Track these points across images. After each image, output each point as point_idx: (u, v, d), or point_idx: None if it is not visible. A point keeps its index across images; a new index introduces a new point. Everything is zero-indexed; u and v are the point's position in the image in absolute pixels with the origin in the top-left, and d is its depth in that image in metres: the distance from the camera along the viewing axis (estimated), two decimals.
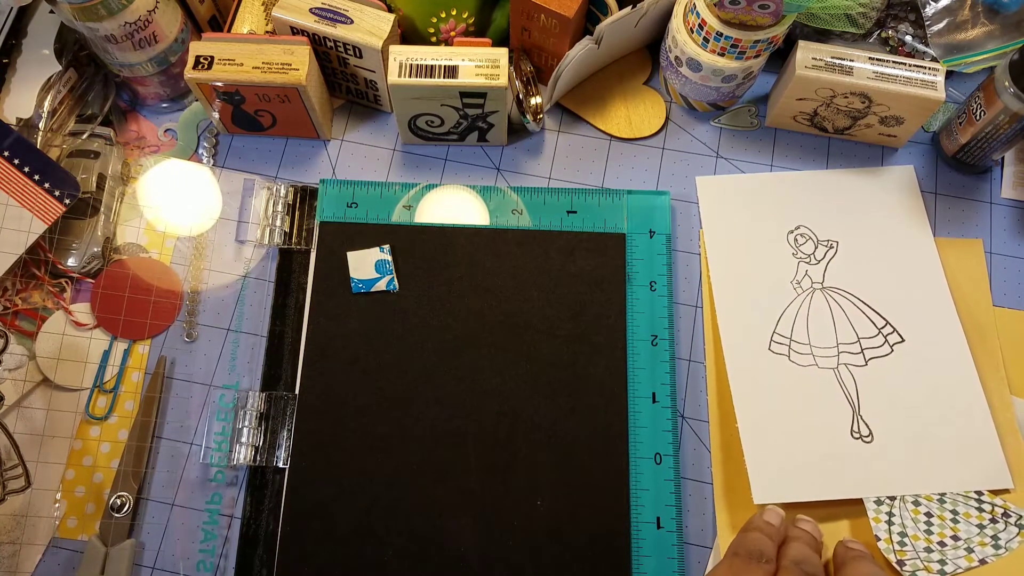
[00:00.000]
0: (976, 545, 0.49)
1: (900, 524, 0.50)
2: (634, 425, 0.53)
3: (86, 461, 0.54)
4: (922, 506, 0.51)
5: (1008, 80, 0.53)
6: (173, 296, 0.57)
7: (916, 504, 0.51)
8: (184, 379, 0.56)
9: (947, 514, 0.50)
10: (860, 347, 0.55)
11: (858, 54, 0.55)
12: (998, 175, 0.61)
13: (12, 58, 0.62)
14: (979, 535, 0.49)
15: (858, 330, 0.56)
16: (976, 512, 0.50)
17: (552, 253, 0.57)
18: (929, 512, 0.50)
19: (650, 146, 0.62)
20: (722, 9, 0.52)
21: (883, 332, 0.55)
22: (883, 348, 0.55)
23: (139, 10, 0.54)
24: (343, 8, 0.55)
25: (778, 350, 0.55)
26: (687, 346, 0.56)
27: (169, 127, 0.62)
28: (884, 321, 0.56)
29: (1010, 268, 0.58)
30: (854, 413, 0.53)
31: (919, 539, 0.49)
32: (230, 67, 0.54)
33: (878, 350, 0.55)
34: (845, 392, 0.54)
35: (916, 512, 0.50)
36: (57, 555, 0.52)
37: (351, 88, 0.61)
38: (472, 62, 0.54)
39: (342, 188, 0.59)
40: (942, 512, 0.50)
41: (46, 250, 0.57)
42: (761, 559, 0.44)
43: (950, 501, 0.51)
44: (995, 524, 0.50)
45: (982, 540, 0.49)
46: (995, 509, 0.50)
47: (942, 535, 0.49)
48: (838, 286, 0.57)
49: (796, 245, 0.58)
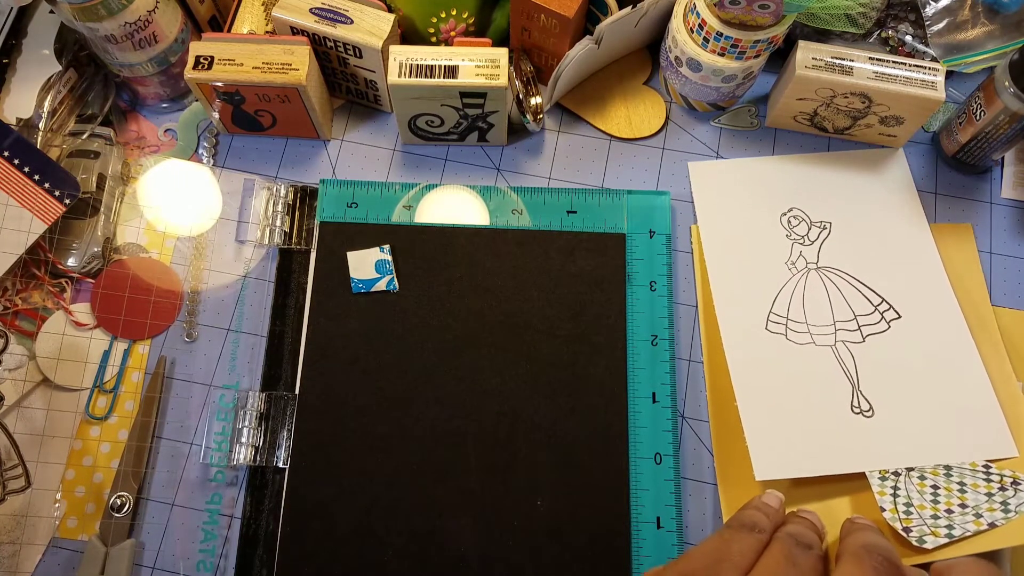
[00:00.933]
0: (985, 511, 0.48)
1: (906, 496, 0.49)
2: (634, 425, 0.53)
3: (86, 461, 0.54)
4: (928, 479, 0.50)
5: (1008, 80, 0.53)
6: (173, 296, 0.57)
7: (922, 478, 0.50)
8: (184, 379, 0.56)
9: (954, 486, 0.50)
10: (857, 324, 0.56)
11: (858, 54, 0.55)
12: (998, 175, 0.61)
13: (12, 58, 0.62)
14: (988, 502, 0.49)
15: (854, 308, 0.56)
16: (984, 483, 0.50)
17: (552, 253, 0.57)
18: (936, 485, 0.50)
19: (650, 146, 0.62)
20: (722, 9, 0.52)
21: (879, 309, 0.56)
22: (880, 325, 0.56)
23: (139, 10, 0.54)
24: (343, 8, 0.55)
25: (775, 329, 0.56)
26: (687, 346, 0.56)
27: (169, 127, 0.62)
28: (880, 299, 0.56)
29: (1010, 268, 0.58)
30: (854, 388, 0.54)
31: (925, 508, 0.49)
32: (230, 67, 0.54)
33: (875, 327, 0.55)
34: (844, 368, 0.54)
35: (922, 485, 0.50)
36: (57, 555, 0.52)
37: (351, 88, 0.61)
38: (472, 62, 0.54)
39: (342, 188, 0.59)
40: (949, 484, 0.50)
41: (46, 250, 0.57)
42: (754, 529, 0.42)
43: (957, 474, 0.50)
44: (1004, 492, 0.49)
45: (991, 506, 0.48)
46: (1004, 479, 0.50)
47: (949, 503, 0.49)
48: (833, 266, 0.57)
49: (789, 227, 0.58)
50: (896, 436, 0.52)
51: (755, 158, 0.61)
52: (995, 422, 0.52)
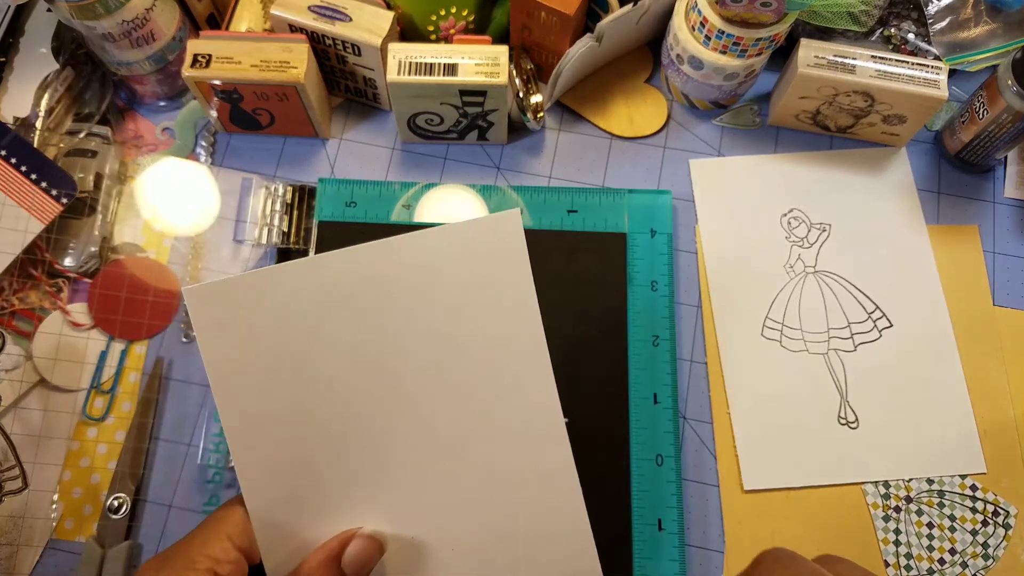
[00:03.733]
0: (969, 558, 0.51)
1: (906, 544, 0.51)
2: (635, 426, 0.53)
3: (83, 462, 0.54)
4: (924, 515, 0.52)
5: (1011, 79, 0.52)
6: (171, 296, 0.57)
7: (919, 514, 0.52)
8: (181, 380, 0.55)
9: (946, 521, 0.52)
10: (850, 332, 0.56)
11: (860, 52, 0.55)
12: (1001, 174, 0.61)
13: (9, 56, 0.61)
14: (972, 544, 0.51)
15: (848, 315, 0.56)
16: (971, 514, 0.52)
17: (552, 253, 0.57)
18: (931, 523, 0.52)
19: (651, 145, 0.61)
20: (724, 7, 0.52)
21: (872, 317, 0.56)
22: (872, 333, 0.56)
23: (137, 8, 0.53)
24: (342, 6, 0.55)
25: (770, 336, 0.56)
26: (688, 347, 0.56)
27: (167, 126, 0.62)
28: (874, 306, 0.56)
29: (1012, 268, 0.58)
30: (842, 399, 0.54)
31: (923, 559, 0.51)
32: (228, 65, 0.54)
33: (867, 335, 0.56)
34: (834, 378, 0.55)
35: (919, 525, 0.51)
36: (54, 557, 0.52)
37: (350, 86, 0.61)
38: (472, 60, 0.53)
39: (341, 187, 0.59)
40: (941, 520, 0.52)
41: (43, 250, 0.56)
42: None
43: (948, 503, 0.52)
44: (985, 528, 0.51)
45: (974, 551, 0.51)
46: (986, 507, 0.52)
47: (942, 550, 0.51)
48: (830, 270, 0.57)
49: (789, 228, 0.58)
50: (879, 449, 0.53)
51: (757, 156, 0.61)
52: (970, 438, 0.53)
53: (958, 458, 0.53)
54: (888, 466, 0.53)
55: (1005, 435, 0.53)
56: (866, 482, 0.52)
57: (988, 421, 0.54)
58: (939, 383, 0.55)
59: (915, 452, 0.53)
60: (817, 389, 0.54)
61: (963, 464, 0.53)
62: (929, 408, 0.54)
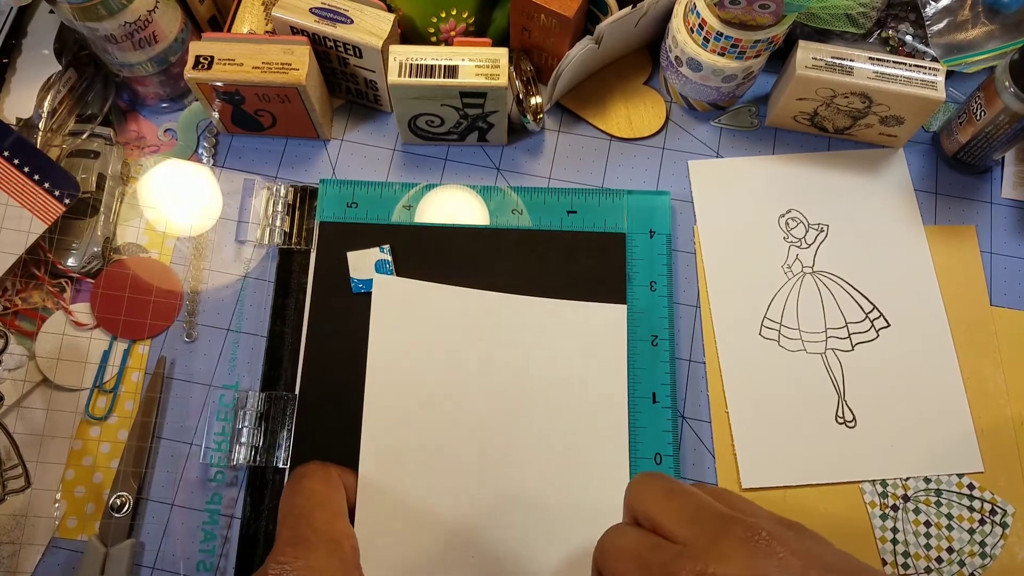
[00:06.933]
0: (967, 556, 0.51)
1: (904, 543, 0.51)
2: (634, 425, 0.53)
3: (86, 461, 0.54)
4: (922, 513, 0.52)
5: (1008, 80, 0.53)
6: (173, 296, 0.57)
7: (916, 512, 0.52)
8: (184, 379, 0.56)
9: (943, 520, 0.52)
10: (848, 332, 0.56)
11: (858, 54, 0.55)
12: (998, 175, 0.61)
13: (12, 58, 0.62)
14: (969, 542, 0.51)
15: (846, 314, 0.56)
16: (968, 513, 0.52)
17: (552, 253, 0.57)
18: (928, 522, 0.52)
19: (650, 146, 0.62)
20: (722, 9, 0.52)
21: (870, 317, 0.56)
22: (869, 333, 0.56)
23: (139, 10, 0.54)
24: (343, 8, 0.55)
25: (768, 335, 0.56)
26: (687, 346, 0.56)
27: (169, 127, 0.62)
28: (871, 305, 0.57)
29: (1010, 268, 0.58)
30: (839, 398, 0.54)
31: (920, 558, 0.51)
32: (230, 67, 0.54)
33: (864, 335, 0.56)
34: (832, 377, 0.55)
35: (917, 523, 0.52)
36: (57, 555, 0.52)
37: (351, 88, 0.61)
38: (472, 62, 0.54)
39: (342, 188, 0.59)
40: (939, 518, 0.52)
41: (46, 250, 0.57)
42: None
43: (945, 502, 0.52)
44: (983, 527, 0.52)
45: (971, 550, 0.51)
46: (984, 506, 0.52)
47: (939, 548, 0.51)
48: (828, 270, 0.58)
49: (787, 229, 0.59)
50: (876, 448, 0.53)
51: (755, 157, 0.61)
52: (967, 437, 0.54)
53: (955, 457, 0.53)
54: (885, 465, 0.53)
55: (1002, 434, 0.54)
56: (864, 481, 0.53)
57: (985, 420, 0.54)
58: (936, 383, 0.55)
59: (912, 451, 0.53)
60: (815, 388, 0.55)
61: (960, 463, 0.53)
62: (927, 407, 0.54)
